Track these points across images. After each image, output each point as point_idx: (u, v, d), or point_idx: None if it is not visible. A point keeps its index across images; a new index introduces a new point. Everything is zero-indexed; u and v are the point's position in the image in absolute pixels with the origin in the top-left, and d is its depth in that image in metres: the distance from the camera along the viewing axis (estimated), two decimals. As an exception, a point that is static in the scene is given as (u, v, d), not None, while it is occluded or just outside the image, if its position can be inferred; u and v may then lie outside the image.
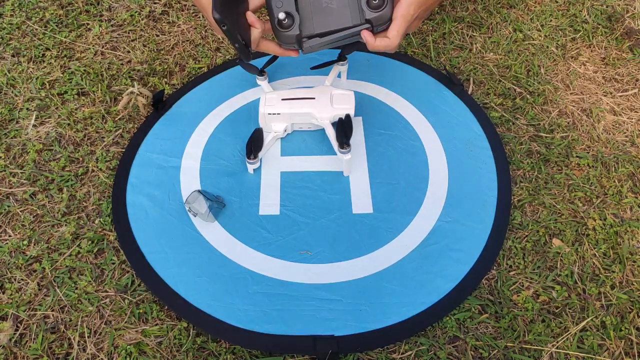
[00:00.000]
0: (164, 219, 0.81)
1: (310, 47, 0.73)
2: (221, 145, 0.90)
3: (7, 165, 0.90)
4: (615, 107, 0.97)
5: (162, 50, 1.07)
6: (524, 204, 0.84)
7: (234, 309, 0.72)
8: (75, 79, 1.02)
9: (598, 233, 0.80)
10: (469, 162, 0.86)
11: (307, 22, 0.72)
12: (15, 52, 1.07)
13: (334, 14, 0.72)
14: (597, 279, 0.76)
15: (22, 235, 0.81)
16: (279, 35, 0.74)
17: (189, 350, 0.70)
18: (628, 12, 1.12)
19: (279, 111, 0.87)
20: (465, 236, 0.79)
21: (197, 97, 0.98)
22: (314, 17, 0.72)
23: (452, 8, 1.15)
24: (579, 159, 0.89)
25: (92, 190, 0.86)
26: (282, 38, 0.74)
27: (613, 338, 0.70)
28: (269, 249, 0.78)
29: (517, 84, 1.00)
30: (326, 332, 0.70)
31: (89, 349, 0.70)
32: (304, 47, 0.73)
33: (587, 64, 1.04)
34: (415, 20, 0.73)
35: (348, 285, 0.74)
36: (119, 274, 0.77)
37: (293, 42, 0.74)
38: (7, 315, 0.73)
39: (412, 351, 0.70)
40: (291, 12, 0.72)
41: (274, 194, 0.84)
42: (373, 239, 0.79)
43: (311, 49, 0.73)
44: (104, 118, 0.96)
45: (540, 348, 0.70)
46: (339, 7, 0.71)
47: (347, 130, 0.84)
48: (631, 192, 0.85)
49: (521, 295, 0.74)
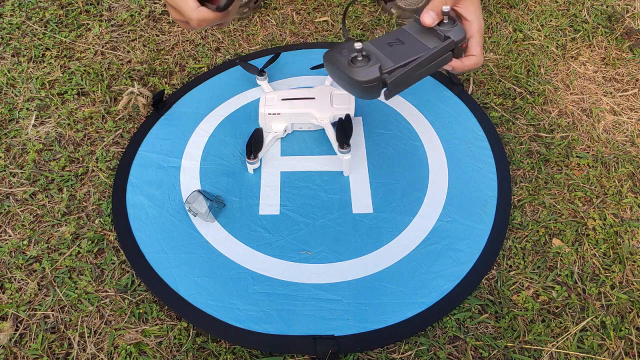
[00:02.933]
0: (164, 219, 0.81)
1: (396, 83, 0.61)
2: (221, 145, 0.90)
3: (7, 165, 0.90)
4: (615, 107, 0.97)
5: (162, 50, 1.07)
6: (524, 204, 0.84)
7: (234, 309, 0.72)
8: (75, 79, 1.02)
9: (598, 233, 0.80)
10: (469, 162, 0.86)
11: (382, 60, 0.61)
12: (15, 52, 1.07)
13: (407, 46, 0.63)
14: (597, 279, 0.76)
15: (22, 235, 0.81)
16: (352, 72, 0.60)
17: (189, 350, 0.70)
18: (628, 12, 1.12)
19: (279, 111, 0.87)
20: (465, 236, 0.79)
21: (197, 97, 0.98)
22: (386, 55, 0.62)
23: (452, 8, 1.15)
24: (579, 159, 0.89)
25: (92, 190, 0.86)
26: (357, 74, 0.60)
27: (613, 338, 0.70)
28: (269, 249, 0.78)
29: (517, 84, 1.00)
30: (326, 332, 0.70)
31: (89, 349, 0.70)
32: (388, 83, 0.60)
33: (587, 64, 1.04)
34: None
35: (348, 285, 0.74)
36: (119, 274, 0.77)
37: (372, 82, 0.61)
38: (7, 315, 0.73)
39: (412, 351, 0.70)
40: (363, 49, 0.60)
41: (274, 194, 0.84)
42: (373, 239, 0.79)
43: (397, 85, 0.61)
44: (104, 118, 0.96)
45: (540, 348, 0.70)
46: (408, 41, 0.63)
47: (347, 130, 0.84)
48: (631, 192, 0.85)
49: (521, 295, 0.74)
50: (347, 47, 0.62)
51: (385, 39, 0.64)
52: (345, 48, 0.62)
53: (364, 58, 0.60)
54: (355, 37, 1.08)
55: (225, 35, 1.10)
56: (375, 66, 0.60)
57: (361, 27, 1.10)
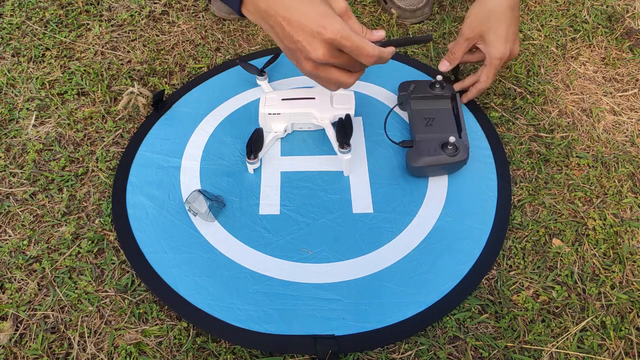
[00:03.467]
0: (164, 219, 0.81)
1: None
2: (221, 145, 0.90)
3: (7, 165, 0.90)
4: (615, 107, 0.97)
5: (162, 50, 1.07)
6: (524, 204, 0.84)
7: (234, 309, 0.72)
8: (75, 79, 1.02)
9: (598, 233, 0.80)
10: (469, 162, 0.86)
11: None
12: (15, 52, 1.07)
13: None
14: (597, 279, 0.76)
15: (22, 235, 0.81)
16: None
17: (189, 350, 0.70)
18: (628, 12, 1.12)
19: (279, 111, 0.87)
20: (465, 236, 0.79)
21: (197, 97, 0.98)
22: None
23: (452, 8, 1.15)
24: (579, 159, 0.89)
25: (92, 190, 0.86)
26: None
27: (613, 338, 0.70)
28: (269, 249, 0.78)
29: (517, 84, 1.00)
30: (326, 331, 0.70)
31: (89, 349, 0.70)
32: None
33: (587, 64, 1.04)
34: (513, 44, 0.85)
35: (348, 284, 0.74)
36: (119, 274, 0.77)
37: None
38: (7, 315, 0.73)
39: (412, 351, 0.70)
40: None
41: (274, 194, 0.84)
42: (373, 239, 0.79)
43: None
44: (104, 118, 0.96)
45: (540, 348, 0.70)
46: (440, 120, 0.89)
47: (348, 130, 0.84)
48: (631, 192, 0.85)
49: (521, 295, 0.74)
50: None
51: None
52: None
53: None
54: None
55: (225, 35, 1.10)
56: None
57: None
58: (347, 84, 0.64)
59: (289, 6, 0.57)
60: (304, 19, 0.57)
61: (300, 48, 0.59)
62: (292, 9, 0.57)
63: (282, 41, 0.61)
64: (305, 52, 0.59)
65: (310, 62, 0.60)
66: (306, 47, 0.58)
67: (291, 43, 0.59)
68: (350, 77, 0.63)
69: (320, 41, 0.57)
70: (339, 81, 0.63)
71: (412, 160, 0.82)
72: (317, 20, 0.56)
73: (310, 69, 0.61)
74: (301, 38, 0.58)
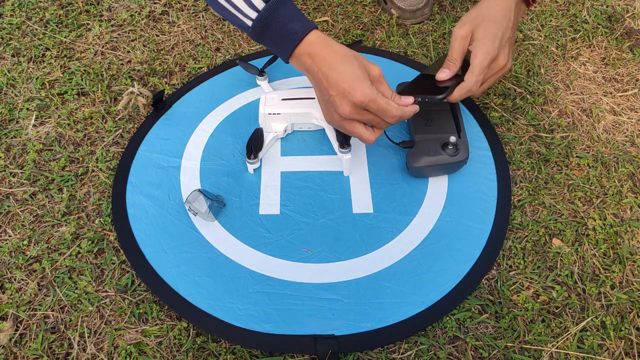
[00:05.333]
0: (164, 219, 0.81)
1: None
2: (221, 145, 0.90)
3: (7, 165, 0.90)
4: (615, 107, 0.97)
5: (162, 50, 1.07)
6: (524, 204, 0.84)
7: (234, 309, 0.72)
8: (75, 79, 1.02)
9: (598, 233, 0.80)
10: (469, 162, 0.86)
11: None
12: (15, 52, 1.07)
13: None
14: (597, 279, 0.76)
15: (22, 235, 0.81)
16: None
17: (189, 350, 0.70)
18: (628, 12, 1.12)
19: (279, 111, 0.87)
20: (465, 236, 0.79)
21: (197, 97, 0.98)
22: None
23: (452, 8, 1.15)
24: (579, 159, 0.89)
25: (92, 190, 0.86)
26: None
27: (613, 338, 0.70)
28: (269, 249, 0.78)
29: (517, 84, 1.00)
30: (326, 331, 0.70)
31: (89, 349, 0.70)
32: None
33: (587, 64, 1.04)
34: (506, 45, 0.80)
35: (348, 284, 0.74)
36: (119, 274, 0.77)
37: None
38: (7, 315, 0.73)
39: (412, 351, 0.70)
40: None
41: (274, 194, 0.84)
42: (373, 239, 0.79)
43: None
44: (104, 118, 0.96)
45: (540, 348, 0.70)
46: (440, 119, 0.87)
47: (347, 131, 0.85)
48: (631, 192, 0.85)
49: (521, 295, 0.74)
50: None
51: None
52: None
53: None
54: (355, 37, 1.08)
55: (225, 35, 1.10)
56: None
57: (361, 27, 1.11)
58: (368, 141, 0.73)
59: (330, 64, 0.68)
60: (340, 78, 0.67)
61: (332, 102, 0.69)
62: (332, 67, 0.68)
63: (319, 91, 0.72)
64: (336, 106, 0.69)
65: (338, 115, 0.70)
66: (336, 102, 0.68)
67: (326, 96, 0.70)
68: (372, 134, 0.73)
69: (348, 101, 0.67)
70: (361, 136, 0.72)
71: (413, 160, 0.82)
72: (350, 82, 0.66)
73: (337, 120, 0.71)
74: (334, 93, 0.68)
